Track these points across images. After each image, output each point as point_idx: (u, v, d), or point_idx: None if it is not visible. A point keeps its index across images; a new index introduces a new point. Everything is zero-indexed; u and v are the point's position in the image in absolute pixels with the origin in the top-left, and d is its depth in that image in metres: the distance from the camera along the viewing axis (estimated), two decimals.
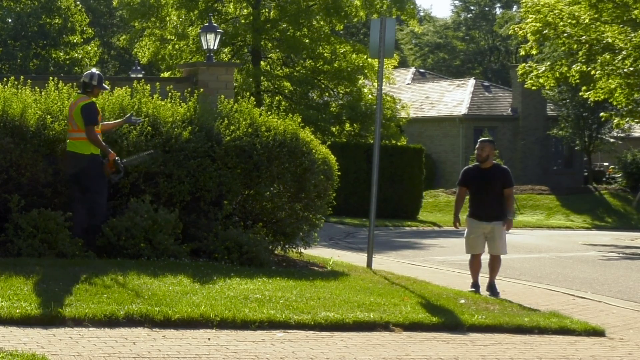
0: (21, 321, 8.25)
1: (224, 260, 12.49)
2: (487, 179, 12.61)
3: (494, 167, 12.77)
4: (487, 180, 12.60)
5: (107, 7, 62.64)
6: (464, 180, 12.85)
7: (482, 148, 12.73)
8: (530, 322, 9.92)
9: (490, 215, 12.56)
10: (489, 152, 12.72)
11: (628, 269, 17.68)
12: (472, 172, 12.88)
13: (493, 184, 12.59)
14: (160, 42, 36.63)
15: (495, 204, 12.56)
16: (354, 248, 20.58)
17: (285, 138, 13.86)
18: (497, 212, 12.58)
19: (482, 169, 12.72)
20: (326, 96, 36.30)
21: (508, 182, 12.68)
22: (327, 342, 8.57)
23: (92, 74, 12.48)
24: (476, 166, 12.89)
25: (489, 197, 12.58)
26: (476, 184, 12.70)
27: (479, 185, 12.67)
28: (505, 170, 12.87)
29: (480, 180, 12.65)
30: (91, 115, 12.10)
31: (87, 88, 12.34)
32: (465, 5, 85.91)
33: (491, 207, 12.56)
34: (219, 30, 20.35)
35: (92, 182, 12.18)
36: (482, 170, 12.72)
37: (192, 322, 8.70)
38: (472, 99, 48.61)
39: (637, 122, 28.35)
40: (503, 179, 12.66)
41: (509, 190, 12.69)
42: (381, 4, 35.14)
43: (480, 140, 12.88)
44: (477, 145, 12.87)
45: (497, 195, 12.59)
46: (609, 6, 24.91)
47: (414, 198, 34.34)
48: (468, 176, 12.85)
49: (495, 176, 12.65)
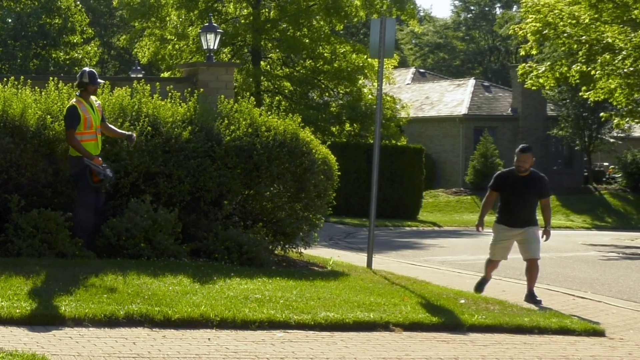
0: (21, 321, 8.25)
1: (224, 260, 12.49)
2: (524, 187, 11.98)
3: (531, 175, 12.07)
4: (523, 189, 11.97)
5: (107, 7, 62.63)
6: (497, 186, 12.19)
7: (525, 160, 11.98)
8: (530, 322, 9.91)
9: (523, 221, 12.00)
10: (531, 163, 12.03)
11: (628, 269, 17.67)
12: (508, 178, 12.14)
13: (529, 193, 12.00)
14: (160, 42, 36.64)
15: (528, 211, 12.03)
16: (354, 248, 20.58)
17: (285, 138, 13.86)
18: (529, 217, 12.05)
19: (519, 177, 12.02)
20: (326, 96, 36.32)
21: (546, 192, 12.11)
22: (327, 342, 8.57)
23: (83, 72, 12.47)
24: (511, 172, 12.18)
25: (523, 205, 12.00)
26: (511, 190, 12.04)
27: (513, 193, 12.02)
28: (544, 180, 12.21)
29: (516, 188, 11.99)
30: (67, 120, 12.14)
31: (81, 87, 12.36)
32: (465, 5, 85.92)
33: (525, 213, 12.01)
34: (219, 30, 20.37)
35: (79, 186, 12.20)
36: (519, 177, 12.02)
37: (192, 322, 8.70)
38: (472, 99, 48.61)
39: (637, 122, 28.35)
40: (541, 188, 12.08)
41: (545, 200, 12.10)
42: (381, 4, 35.15)
43: (521, 150, 12.03)
44: (517, 155, 12.00)
45: (532, 203, 12.06)
46: (609, 6, 24.91)
47: (414, 198, 34.35)
48: (502, 182, 12.15)
49: (534, 185, 12.03)
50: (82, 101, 12.27)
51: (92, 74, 12.35)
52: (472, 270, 16.03)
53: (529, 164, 12.00)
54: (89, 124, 12.20)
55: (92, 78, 12.30)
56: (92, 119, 12.26)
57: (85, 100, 12.31)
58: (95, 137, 12.29)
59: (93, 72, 12.42)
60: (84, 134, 12.17)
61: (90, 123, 12.23)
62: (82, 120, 12.13)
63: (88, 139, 12.21)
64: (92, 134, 12.25)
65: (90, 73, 12.36)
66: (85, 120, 12.17)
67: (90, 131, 12.22)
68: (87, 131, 12.19)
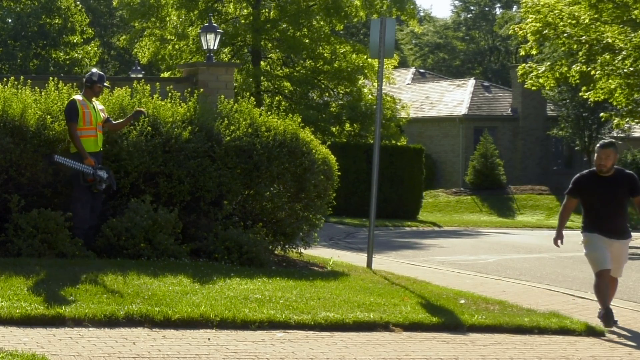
0: (21, 321, 8.25)
1: (224, 260, 12.49)
2: (611, 188, 10.40)
3: (617, 174, 10.49)
4: (611, 190, 10.40)
5: (107, 7, 62.62)
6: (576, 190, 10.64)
7: (607, 156, 10.33)
8: (530, 322, 9.91)
9: (617, 231, 10.47)
10: (614, 160, 10.39)
11: (628, 269, 17.62)
12: (589, 179, 10.54)
13: (617, 193, 10.41)
14: (160, 42, 36.63)
15: (620, 218, 10.50)
16: (354, 248, 20.58)
17: (285, 138, 13.86)
18: (624, 228, 10.57)
19: (602, 177, 10.43)
20: (326, 96, 36.31)
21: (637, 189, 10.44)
22: (327, 342, 8.57)
23: (94, 72, 12.74)
24: (593, 173, 10.54)
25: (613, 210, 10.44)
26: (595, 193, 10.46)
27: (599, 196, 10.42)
28: (632, 176, 10.54)
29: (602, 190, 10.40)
30: (67, 113, 12.28)
31: (87, 83, 12.52)
32: (465, 6, 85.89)
33: (617, 221, 10.47)
34: (219, 30, 20.37)
35: (75, 184, 12.24)
36: (603, 178, 10.43)
37: (192, 322, 8.70)
38: (472, 99, 48.62)
39: (637, 122, 28.34)
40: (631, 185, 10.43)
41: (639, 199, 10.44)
42: (381, 4, 35.15)
43: (601, 146, 10.40)
44: (597, 151, 10.43)
45: (622, 207, 10.48)
46: (609, 6, 24.91)
47: (414, 198, 34.35)
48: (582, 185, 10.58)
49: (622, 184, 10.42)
50: (83, 98, 12.40)
51: (102, 75, 12.65)
52: (472, 270, 16.05)
53: (611, 162, 10.36)
54: (88, 119, 12.30)
55: (100, 78, 12.56)
56: (92, 115, 12.36)
57: (86, 98, 12.42)
58: (95, 133, 12.38)
59: (103, 75, 12.71)
60: (84, 129, 12.27)
61: (90, 119, 12.32)
62: (81, 114, 12.20)
63: (87, 134, 12.32)
64: (91, 130, 12.33)
65: (100, 74, 12.67)
66: (84, 115, 12.25)
67: (90, 127, 12.31)
68: (87, 127, 12.29)
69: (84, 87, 12.57)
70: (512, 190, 42.91)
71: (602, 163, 10.31)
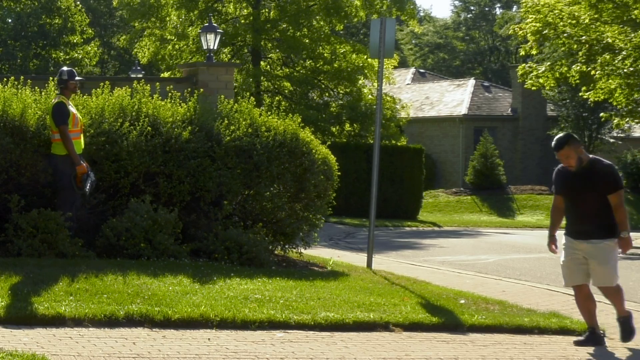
0: (21, 321, 8.25)
1: (224, 261, 12.49)
2: (582, 184, 9.16)
3: (590, 167, 9.17)
4: (581, 186, 9.17)
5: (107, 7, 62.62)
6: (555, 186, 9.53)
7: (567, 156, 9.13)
8: (530, 322, 9.91)
9: (587, 232, 9.22)
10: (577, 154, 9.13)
11: (628, 269, 17.66)
12: (562, 175, 9.42)
13: (589, 189, 9.13)
14: (160, 42, 36.64)
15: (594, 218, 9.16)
16: (354, 248, 20.58)
17: (285, 138, 13.86)
18: (596, 228, 9.18)
19: (574, 172, 9.20)
20: (326, 96, 36.32)
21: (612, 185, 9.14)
22: (327, 342, 8.57)
23: (62, 70, 12.61)
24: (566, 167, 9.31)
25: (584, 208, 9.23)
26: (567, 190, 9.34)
27: (570, 193, 9.30)
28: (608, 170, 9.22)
29: (573, 186, 9.24)
30: (58, 116, 12.13)
31: (61, 84, 12.43)
32: (465, 6, 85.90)
33: (588, 220, 9.19)
34: (219, 30, 20.36)
35: (62, 186, 12.18)
36: (574, 173, 9.20)
37: (192, 322, 8.70)
38: (472, 99, 48.62)
39: (637, 122, 28.33)
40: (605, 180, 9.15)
41: (614, 196, 9.12)
42: (381, 4, 35.15)
43: (554, 148, 9.20)
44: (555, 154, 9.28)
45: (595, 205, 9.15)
46: (609, 6, 24.90)
47: (414, 198, 34.37)
48: (557, 181, 9.49)
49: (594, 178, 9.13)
50: (65, 99, 12.33)
51: (71, 71, 12.53)
52: (471, 270, 16.05)
53: (573, 158, 9.12)
54: (77, 120, 12.25)
55: (70, 74, 12.43)
56: (79, 117, 12.34)
57: (67, 98, 12.38)
58: (79, 135, 12.33)
59: (71, 69, 12.61)
60: (72, 131, 12.17)
61: (78, 120, 12.28)
62: (71, 117, 12.17)
63: (75, 137, 12.24)
64: (78, 132, 12.28)
65: (69, 70, 12.54)
66: (74, 117, 12.21)
67: (77, 129, 12.25)
68: (75, 129, 12.20)
69: (59, 89, 12.45)
70: (512, 190, 42.91)
71: (567, 164, 9.21)
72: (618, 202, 9.12)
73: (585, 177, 9.13)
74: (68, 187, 12.14)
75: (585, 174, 9.13)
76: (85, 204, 12.48)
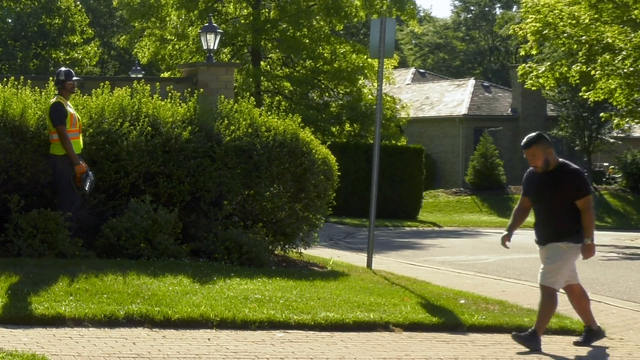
0: (21, 321, 8.26)
1: (224, 261, 12.49)
2: (547, 187, 8.97)
3: (558, 170, 8.95)
4: (546, 189, 8.98)
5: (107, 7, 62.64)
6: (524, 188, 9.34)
7: (533, 155, 8.88)
8: (530, 322, 9.89)
9: (548, 237, 9.16)
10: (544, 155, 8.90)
11: (628, 269, 17.67)
12: (530, 177, 9.23)
13: (554, 193, 8.93)
14: (160, 42, 36.65)
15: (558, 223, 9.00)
16: (354, 248, 20.58)
17: (285, 138, 13.86)
18: (554, 232, 9.06)
19: (541, 174, 9.01)
20: (326, 96, 36.33)
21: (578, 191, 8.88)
22: (327, 342, 8.57)
23: (59, 71, 12.59)
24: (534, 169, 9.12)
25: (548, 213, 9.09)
26: (533, 193, 9.17)
27: (536, 196, 9.15)
28: (575, 174, 8.96)
29: (538, 189, 9.08)
30: (55, 116, 12.11)
31: (59, 85, 12.42)
32: (465, 6, 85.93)
33: (551, 225, 9.07)
34: (219, 30, 20.36)
35: (61, 186, 12.17)
36: (541, 175, 9.01)
37: (192, 322, 8.70)
38: (472, 99, 48.64)
39: (637, 122, 28.35)
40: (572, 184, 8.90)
41: (582, 201, 8.86)
42: (381, 4, 35.16)
43: (523, 146, 8.98)
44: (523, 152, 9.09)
45: (560, 210, 8.94)
46: (609, 6, 24.91)
47: (414, 198, 34.36)
48: (525, 183, 9.30)
49: (560, 182, 8.91)
50: (63, 100, 12.32)
51: (68, 71, 12.52)
52: (471, 270, 16.05)
53: (540, 159, 8.91)
54: (75, 120, 12.24)
55: (68, 74, 12.41)
56: (77, 117, 12.33)
57: (65, 99, 12.36)
58: (78, 135, 12.32)
59: (69, 69, 12.59)
60: (71, 131, 12.16)
61: (76, 120, 12.27)
62: (69, 117, 12.16)
63: (74, 137, 12.24)
64: (76, 132, 12.27)
65: (67, 70, 12.52)
66: (72, 117, 12.20)
67: (75, 129, 12.24)
68: (73, 129, 12.19)
69: (57, 89, 12.45)
70: (512, 190, 42.90)
71: (533, 164, 8.96)
72: (585, 207, 8.88)
73: (553, 181, 8.92)
74: (67, 187, 12.15)
75: (553, 178, 8.93)
76: (85, 204, 12.49)
